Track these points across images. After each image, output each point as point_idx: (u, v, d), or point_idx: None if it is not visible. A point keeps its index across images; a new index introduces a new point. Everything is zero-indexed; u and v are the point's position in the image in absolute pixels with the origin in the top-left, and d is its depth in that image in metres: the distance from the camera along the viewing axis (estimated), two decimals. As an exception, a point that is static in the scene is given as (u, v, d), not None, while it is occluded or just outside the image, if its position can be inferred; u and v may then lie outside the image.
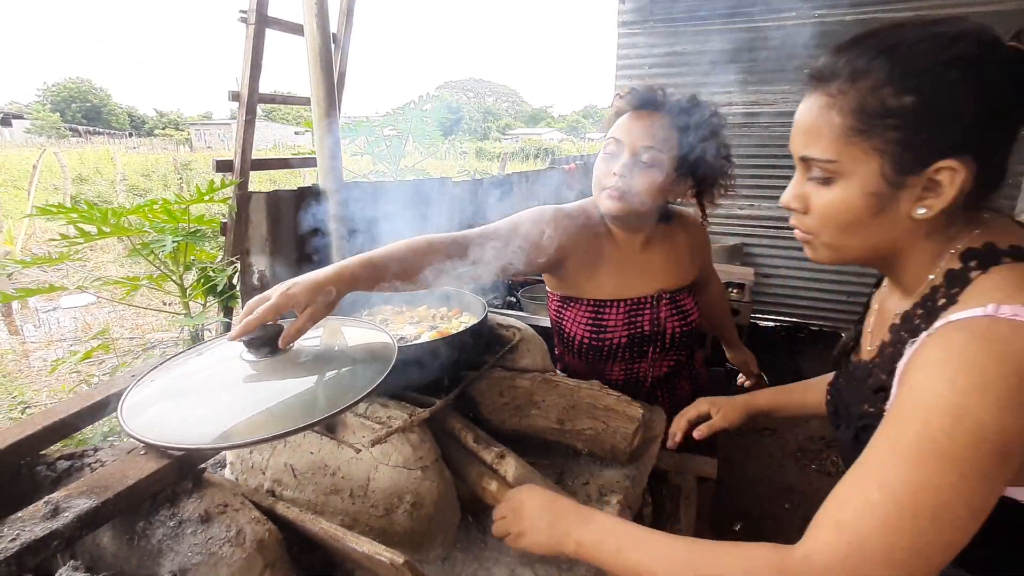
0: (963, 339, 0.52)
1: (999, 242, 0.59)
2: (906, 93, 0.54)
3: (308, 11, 1.60)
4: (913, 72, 0.54)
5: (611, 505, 0.92)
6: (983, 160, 0.56)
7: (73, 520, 0.54)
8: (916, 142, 0.55)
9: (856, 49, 0.58)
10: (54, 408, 0.73)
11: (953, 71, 0.53)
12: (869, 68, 0.56)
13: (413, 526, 0.79)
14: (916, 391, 0.52)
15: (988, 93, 0.53)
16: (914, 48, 0.54)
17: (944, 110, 0.54)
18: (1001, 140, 0.57)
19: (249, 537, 0.61)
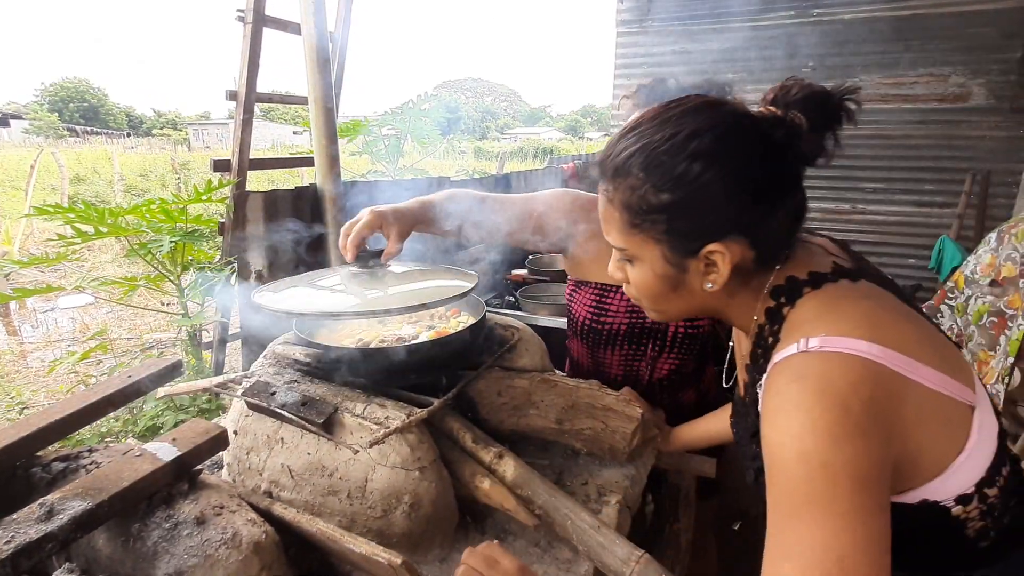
0: (784, 382, 0.54)
1: (799, 273, 0.62)
2: (661, 192, 0.58)
3: (305, 10, 1.59)
4: (662, 174, 0.57)
5: (610, 505, 0.91)
6: (753, 234, 0.59)
7: (68, 522, 0.53)
8: (681, 232, 0.60)
9: (618, 147, 0.61)
10: (50, 409, 0.73)
11: (696, 166, 0.56)
12: (628, 169, 0.60)
13: (411, 527, 0.79)
14: (768, 449, 0.54)
15: (734, 177, 0.56)
16: (660, 149, 0.57)
17: (696, 203, 0.57)
18: (766, 211, 0.59)
19: (245, 539, 0.60)
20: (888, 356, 0.53)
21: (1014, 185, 3.96)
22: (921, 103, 4.07)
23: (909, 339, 0.56)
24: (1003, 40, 3.78)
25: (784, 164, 0.58)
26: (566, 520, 0.80)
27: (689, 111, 0.58)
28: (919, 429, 0.55)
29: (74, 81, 62.30)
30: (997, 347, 2.83)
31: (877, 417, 0.51)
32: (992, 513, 0.59)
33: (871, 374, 0.52)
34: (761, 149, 0.57)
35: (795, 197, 0.60)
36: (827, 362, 0.53)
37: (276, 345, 1.03)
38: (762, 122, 0.58)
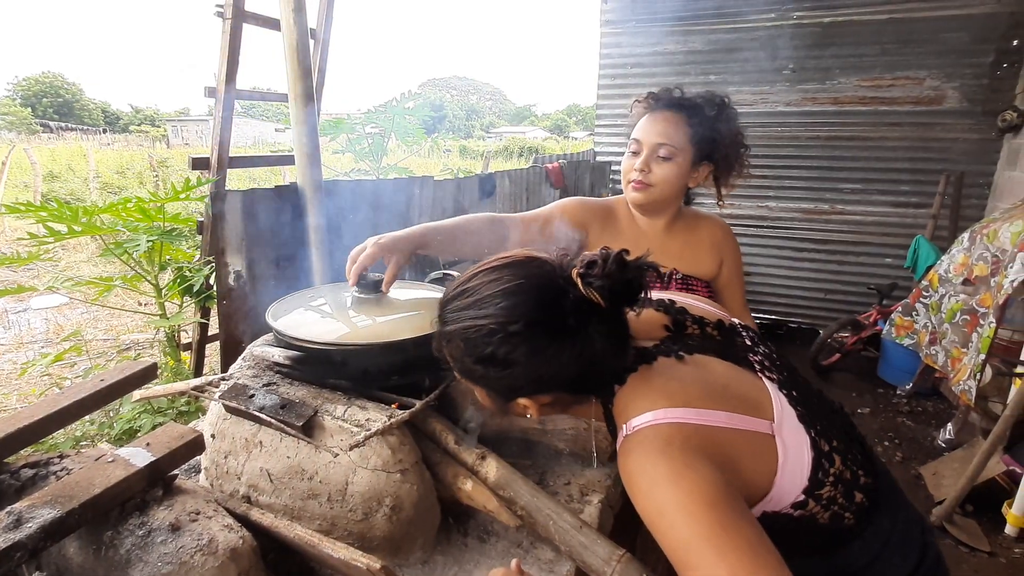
0: (623, 464, 0.65)
1: (616, 367, 0.71)
2: (476, 365, 0.67)
3: (285, 5, 1.57)
4: (475, 352, 0.66)
5: (593, 504, 0.92)
6: (556, 388, 0.69)
7: (37, 531, 0.52)
8: (496, 390, 0.71)
9: (446, 315, 0.70)
10: (19, 413, 0.71)
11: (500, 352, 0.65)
12: (452, 338, 0.69)
13: (392, 530, 0.78)
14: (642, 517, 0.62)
15: (533, 359, 0.65)
16: (473, 336, 0.66)
17: (502, 377, 0.67)
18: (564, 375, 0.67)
19: (222, 545, 0.59)
20: (682, 414, 0.64)
21: (986, 187, 4.06)
22: (897, 105, 4.16)
23: (696, 396, 0.67)
24: (975, 45, 3.87)
25: (579, 339, 0.65)
26: (548, 520, 0.80)
27: (504, 293, 0.65)
28: (737, 462, 0.64)
29: (48, 75, 60.67)
30: (969, 344, 2.90)
31: (696, 453, 0.61)
32: (835, 503, 0.69)
33: (675, 430, 0.63)
34: (558, 330, 0.64)
35: (607, 342, 0.67)
36: (641, 435, 0.64)
37: (255, 347, 1.01)
38: (564, 304, 0.65)
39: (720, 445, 0.63)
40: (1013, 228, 2.78)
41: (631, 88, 4.86)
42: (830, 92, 4.29)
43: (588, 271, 0.65)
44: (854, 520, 0.70)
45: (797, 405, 0.71)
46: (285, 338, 0.92)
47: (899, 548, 0.74)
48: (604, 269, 0.64)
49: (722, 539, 0.54)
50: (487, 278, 0.68)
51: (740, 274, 1.41)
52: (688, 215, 1.36)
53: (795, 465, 0.66)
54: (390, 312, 1.03)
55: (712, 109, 1.20)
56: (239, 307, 1.58)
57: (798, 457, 0.67)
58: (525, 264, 0.68)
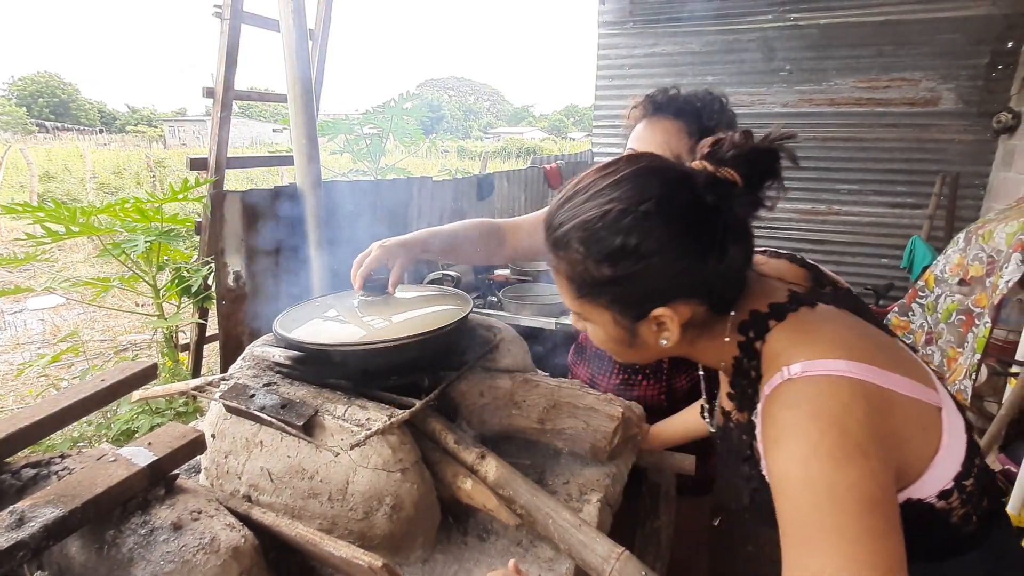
0: (779, 410, 0.56)
1: (760, 307, 0.63)
2: (601, 266, 0.58)
3: (284, 6, 1.57)
4: (600, 249, 0.57)
5: (592, 503, 0.92)
6: (699, 292, 0.60)
7: (39, 530, 0.52)
8: (625, 301, 0.61)
9: (559, 218, 0.61)
10: (19, 414, 0.71)
11: (632, 240, 0.56)
12: (568, 243, 0.60)
13: (393, 529, 0.78)
14: (774, 477, 0.55)
15: (671, 246, 0.56)
16: (596, 225, 0.57)
17: (637, 274, 0.58)
18: (708, 270, 0.59)
19: (224, 544, 0.59)
20: (865, 371, 0.55)
21: (981, 187, 4.09)
22: (893, 107, 4.18)
23: (876, 352, 0.58)
24: (971, 46, 3.90)
25: (719, 223, 0.58)
26: (547, 519, 0.80)
27: (623, 180, 0.58)
28: (904, 436, 0.56)
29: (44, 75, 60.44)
30: (965, 344, 2.92)
31: (874, 435, 0.52)
32: (972, 500, 0.61)
33: (858, 392, 0.53)
34: (695, 215, 0.57)
35: (741, 245, 0.60)
36: (815, 386, 0.54)
37: (255, 347, 1.02)
38: (695, 184, 0.58)
39: (894, 416, 0.55)
40: (1008, 228, 2.79)
41: (629, 89, 4.88)
42: (826, 93, 4.32)
43: (716, 148, 0.58)
44: (977, 526, 0.63)
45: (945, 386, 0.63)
46: (292, 343, 0.92)
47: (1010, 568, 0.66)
48: (733, 143, 0.57)
49: (861, 544, 0.47)
50: (600, 172, 0.60)
51: None
52: None
53: (954, 446, 0.59)
54: (400, 311, 1.04)
55: (710, 117, 1.14)
56: (238, 307, 1.58)
57: (958, 438, 0.59)
58: (639, 156, 0.61)
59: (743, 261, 0.62)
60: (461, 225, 1.18)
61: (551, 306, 2.40)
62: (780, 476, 0.53)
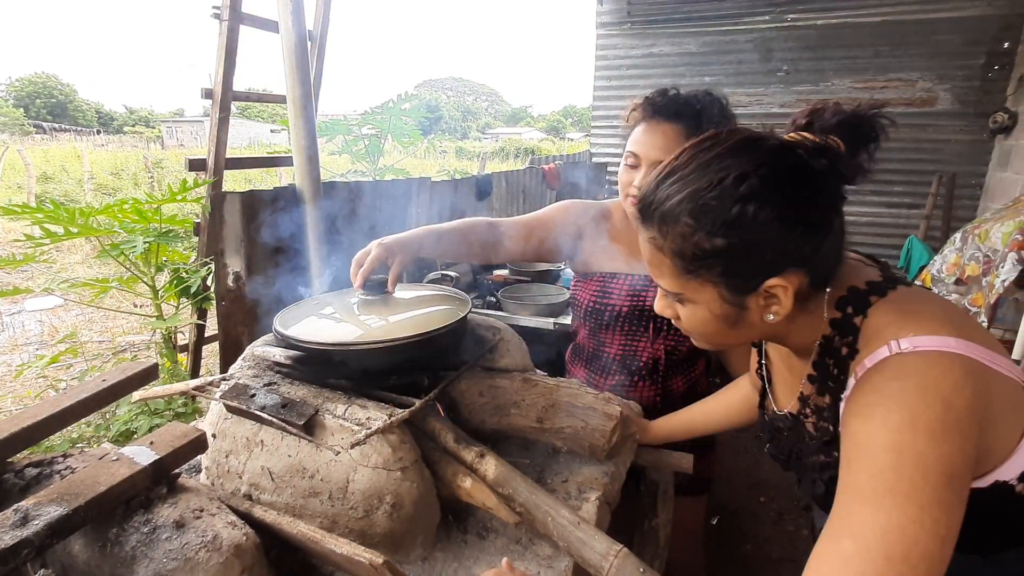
0: (883, 380, 0.55)
1: (857, 283, 0.63)
2: (714, 237, 0.57)
3: (283, 8, 1.58)
4: (714, 219, 0.57)
5: (590, 501, 0.93)
6: (810, 261, 0.59)
7: (43, 528, 0.53)
8: (739, 273, 0.59)
9: (661, 193, 0.60)
10: (21, 414, 0.71)
11: (749, 208, 0.55)
12: (677, 216, 0.59)
13: (393, 527, 0.79)
14: (858, 438, 0.55)
15: (787, 212, 0.56)
16: (709, 195, 0.57)
17: (753, 243, 0.57)
18: (819, 238, 0.59)
19: (226, 542, 0.60)
20: (974, 350, 0.55)
21: (978, 187, 4.11)
22: (890, 107, 4.17)
23: (978, 330, 0.58)
24: (967, 47, 3.92)
25: (829, 189, 0.58)
26: (547, 517, 0.81)
27: (730, 151, 0.58)
28: (997, 417, 0.56)
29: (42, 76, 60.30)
30: (962, 343, 2.93)
31: (975, 416, 0.53)
32: None
33: (969, 371, 0.54)
34: (807, 180, 0.57)
35: (840, 217, 0.61)
36: (925, 361, 0.54)
37: (255, 347, 1.02)
38: (803, 152, 0.58)
39: (993, 396, 0.56)
40: (1004, 228, 2.81)
41: (627, 89, 4.89)
42: (824, 94, 4.33)
43: (813, 118, 0.58)
44: None
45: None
46: (293, 342, 0.93)
47: None
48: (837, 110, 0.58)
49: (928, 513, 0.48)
50: (698, 148, 0.60)
51: None
52: None
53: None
54: (398, 311, 1.04)
55: (710, 120, 1.11)
56: (238, 308, 1.58)
57: None
58: (734, 130, 0.61)
59: (841, 236, 0.62)
60: (459, 224, 1.19)
61: (549, 306, 2.41)
62: (867, 437, 0.53)
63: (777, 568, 2.11)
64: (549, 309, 2.41)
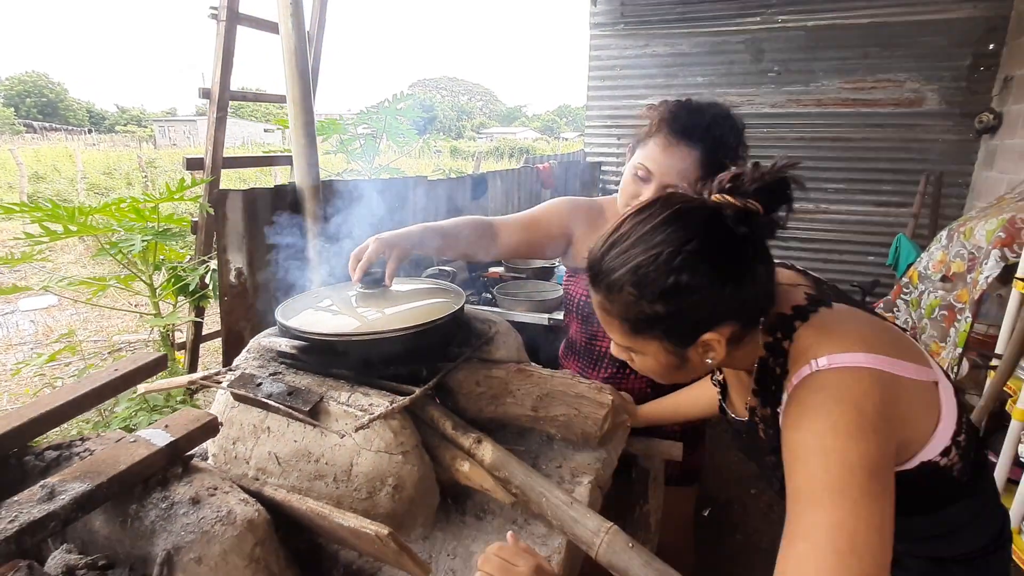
0: (807, 394, 0.64)
1: (784, 309, 0.71)
2: (654, 304, 0.65)
3: (283, 11, 1.61)
4: (653, 290, 0.64)
5: (583, 485, 0.97)
6: (739, 314, 0.67)
7: (70, 502, 0.56)
8: (677, 332, 0.68)
9: (607, 265, 0.68)
10: (39, 401, 0.75)
11: (682, 278, 0.63)
12: (621, 287, 0.66)
13: (395, 507, 0.83)
14: (792, 446, 0.62)
15: (715, 278, 0.63)
16: (648, 269, 0.64)
17: (687, 308, 0.65)
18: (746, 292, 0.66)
19: (239, 516, 0.64)
20: (881, 362, 0.64)
21: (965, 186, 4.18)
22: (879, 107, 4.26)
23: (888, 344, 0.67)
24: (953, 48, 3.99)
25: (751, 249, 0.65)
26: (541, 498, 0.85)
27: (664, 222, 0.64)
28: (911, 414, 0.66)
29: (32, 75, 59.72)
30: (947, 339, 2.99)
31: (884, 416, 0.61)
32: (967, 454, 0.71)
33: (876, 380, 0.62)
34: (731, 246, 0.64)
35: (766, 265, 0.68)
36: (839, 375, 0.63)
37: (261, 338, 1.06)
38: (726, 217, 0.64)
39: (901, 399, 0.64)
40: (988, 226, 2.87)
41: (620, 89, 4.94)
42: (814, 94, 4.39)
43: (737, 182, 0.65)
44: (970, 475, 0.72)
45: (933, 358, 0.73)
46: (297, 333, 0.96)
47: (992, 511, 0.78)
48: (754, 175, 0.64)
49: (861, 504, 0.56)
50: (637, 218, 0.67)
51: None
52: None
53: (950, 411, 0.69)
54: (394, 304, 1.08)
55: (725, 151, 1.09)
56: (240, 303, 1.62)
57: (950, 402, 0.69)
58: (670, 198, 0.67)
59: (769, 278, 0.69)
60: (455, 222, 1.22)
61: (543, 303, 2.45)
62: (798, 445, 0.61)
63: (766, 557, 2.16)
64: (543, 305, 2.45)
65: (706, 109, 1.11)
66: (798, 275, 0.81)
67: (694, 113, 1.10)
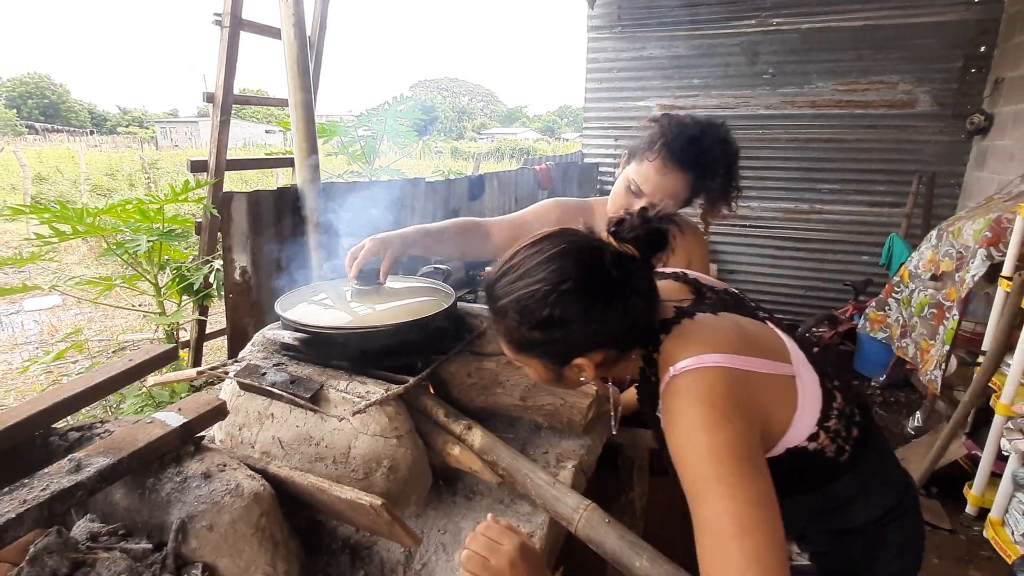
0: (670, 399, 0.72)
1: (654, 322, 0.79)
2: (533, 331, 0.73)
3: (286, 21, 1.67)
4: (531, 319, 0.72)
5: (567, 469, 1.03)
6: (610, 342, 0.75)
7: (95, 474, 0.63)
8: (552, 355, 0.76)
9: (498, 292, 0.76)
10: (61, 387, 0.81)
11: (556, 312, 0.71)
12: (506, 313, 0.75)
13: (390, 487, 0.89)
14: (671, 450, 0.70)
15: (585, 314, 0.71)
16: (528, 302, 0.72)
17: (560, 337, 0.73)
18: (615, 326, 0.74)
19: (247, 489, 0.70)
20: (727, 359, 0.71)
21: (957, 186, 4.24)
22: (872, 109, 4.32)
23: (738, 344, 0.74)
24: (945, 51, 4.04)
25: (624, 288, 0.73)
26: (526, 479, 0.91)
27: (548, 259, 0.72)
28: (766, 405, 0.73)
29: (34, 77, 59.93)
30: (936, 336, 3.05)
31: (735, 404, 0.68)
32: (840, 435, 0.78)
33: (721, 375, 0.70)
34: (604, 286, 0.72)
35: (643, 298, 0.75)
36: (691, 377, 0.70)
37: (266, 331, 1.12)
38: (604, 259, 0.72)
39: (754, 391, 0.71)
40: (975, 226, 2.93)
41: (618, 91, 5.00)
42: (808, 96, 4.45)
43: (619, 228, 0.72)
44: (851, 454, 0.79)
45: (803, 349, 0.81)
46: (297, 326, 1.03)
47: (883, 484, 0.85)
48: (633, 223, 0.72)
49: (738, 487, 0.62)
50: (528, 252, 0.75)
51: (706, 271, 1.46)
52: None
53: (811, 401, 0.76)
54: (388, 300, 1.15)
55: (714, 175, 1.16)
56: (244, 300, 1.68)
57: (813, 393, 0.76)
58: (560, 234, 0.75)
59: (647, 309, 0.77)
60: (449, 223, 1.29)
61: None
62: (674, 448, 0.69)
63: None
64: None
65: (704, 134, 1.16)
66: (682, 285, 0.91)
67: (692, 140, 1.15)
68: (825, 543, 0.90)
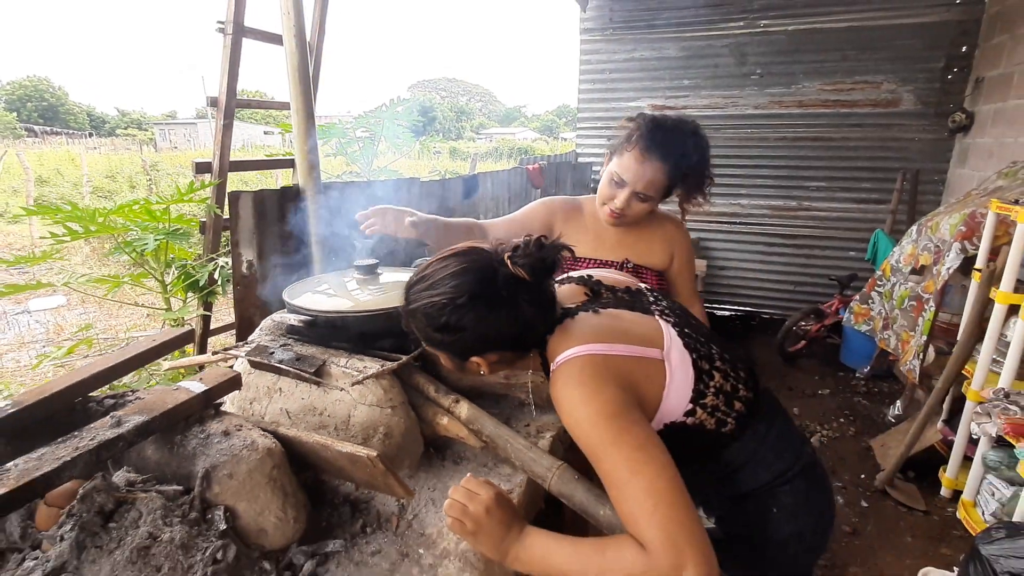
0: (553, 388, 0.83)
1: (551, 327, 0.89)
2: (436, 332, 0.85)
3: (287, 32, 1.79)
4: (434, 323, 0.84)
5: (545, 439, 1.15)
6: (502, 345, 0.87)
7: (133, 428, 0.74)
8: (454, 352, 0.89)
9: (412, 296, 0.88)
10: (95, 361, 0.92)
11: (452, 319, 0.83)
12: (416, 315, 0.87)
13: (385, 451, 1.00)
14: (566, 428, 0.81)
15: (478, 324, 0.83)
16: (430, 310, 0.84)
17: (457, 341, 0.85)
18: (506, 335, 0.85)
19: (261, 445, 0.81)
20: (591, 348, 0.82)
21: (940, 183, 4.35)
22: (858, 108, 4.43)
23: (603, 335, 0.85)
24: (927, 51, 4.16)
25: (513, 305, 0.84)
26: (507, 444, 1.03)
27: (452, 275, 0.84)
28: (635, 382, 0.83)
29: (33, 79, 59.99)
30: (916, 328, 3.16)
31: (601, 379, 0.79)
32: (718, 410, 0.88)
33: (587, 360, 0.81)
34: (494, 303, 0.83)
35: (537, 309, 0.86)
36: (564, 367, 0.82)
37: (274, 317, 1.24)
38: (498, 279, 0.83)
39: (621, 370, 0.82)
40: (951, 220, 3.04)
41: (610, 92, 5.11)
42: (795, 96, 4.56)
43: (514, 253, 0.84)
44: (735, 425, 0.89)
45: (684, 337, 0.90)
46: (302, 311, 1.14)
47: (773, 449, 0.93)
48: (526, 251, 0.84)
49: (620, 440, 0.73)
50: (439, 265, 0.86)
51: (691, 266, 1.55)
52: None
53: (681, 381, 0.86)
54: (384, 289, 1.26)
55: (689, 167, 1.28)
56: (250, 292, 1.80)
57: (684, 374, 0.86)
58: (468, 252, 0.86)
59: (539, 317, 0.87)
60: (454, 220, 1.41)
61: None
62: (569, 430, 0.79)
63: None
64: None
65: (676, 127, 1.29)
66: (581, 291, 1.02)
67: (667, 132, 1.28)
68: (726, 508, 0.99)
